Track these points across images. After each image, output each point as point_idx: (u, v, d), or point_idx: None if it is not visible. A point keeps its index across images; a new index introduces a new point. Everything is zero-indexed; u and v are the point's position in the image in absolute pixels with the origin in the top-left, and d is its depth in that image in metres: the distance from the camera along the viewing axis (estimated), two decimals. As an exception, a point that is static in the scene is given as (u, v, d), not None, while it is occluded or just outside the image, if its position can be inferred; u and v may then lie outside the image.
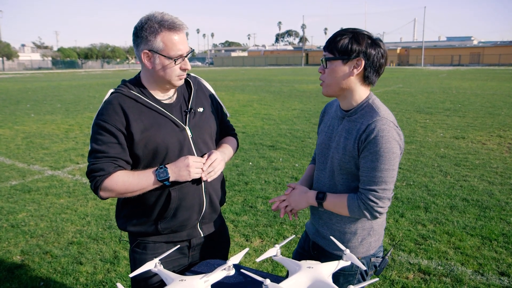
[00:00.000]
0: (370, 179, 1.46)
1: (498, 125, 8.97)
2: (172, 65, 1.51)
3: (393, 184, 1.49)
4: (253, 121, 9.95)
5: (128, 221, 1.65)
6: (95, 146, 1.51)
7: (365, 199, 1.47)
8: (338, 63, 1.49)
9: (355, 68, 1.48)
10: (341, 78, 1.50)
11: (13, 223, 4.03)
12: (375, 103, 1.53)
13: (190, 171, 1.51)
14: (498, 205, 4.33)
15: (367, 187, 1.47)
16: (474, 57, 63.12)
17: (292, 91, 18.34)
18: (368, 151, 1.44)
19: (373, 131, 1.43)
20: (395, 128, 1.47)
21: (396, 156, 1.45)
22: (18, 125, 9.70)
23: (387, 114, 1.50)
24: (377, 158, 1.43)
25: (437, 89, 18.25)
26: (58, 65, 71.73)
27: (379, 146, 1.42)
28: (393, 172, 1.47)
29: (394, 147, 1.44)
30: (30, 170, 5.89)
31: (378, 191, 1.46)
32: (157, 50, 1.49)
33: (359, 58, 1.46)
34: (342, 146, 1.53)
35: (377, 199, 1.46)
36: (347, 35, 1.47)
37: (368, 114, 1.50)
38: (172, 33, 1.48)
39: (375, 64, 1.48)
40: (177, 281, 1.18)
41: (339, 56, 1.48)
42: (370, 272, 1.67)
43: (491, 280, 2.93)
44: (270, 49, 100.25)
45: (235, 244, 3.54)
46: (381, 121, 1.45)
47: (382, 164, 1.43)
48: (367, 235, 1.61)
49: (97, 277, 3.06)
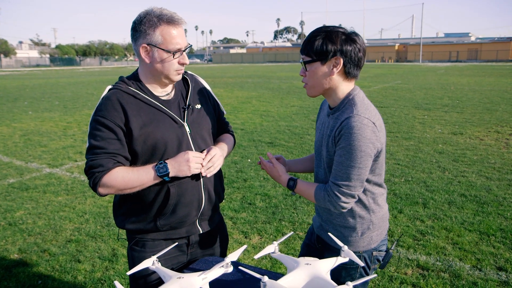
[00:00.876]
0: (336, 173, 1.48)
1: (495, 120, 8.99)
2: (171, 58, 1.51)
3: (359, 182, 1.47)
4: (252, 117, 9.94)
5: (126, 219, 1.65)
6: (94, 142, 1.49)
7: (330, 191, 1.49)
8: (317, 64, 1.49)
9: (335, 67, 1.48)
10: (323, 78, 1.51)
11: (11, 221, 4.03)
12: (354, 99, 1.51)
13: (190, 166, 1.51)
14: (496, 201, 4.34)
15: (332, 180, 1.50)
16: (472, 53, 63.13)
17: (290, 87, 18.32)
18: (339, 146, 1.46)
19: (345, 127, 1.43)
20: (370, 126, 1.43)
21: (365, 155, 1.43)
22: (15, 123, 9.67)
23: (363, 110, 1.46)
24: (345, 153, 1.44)
25: (435, 85, 18.26)
26: (56, 62, 71.51)
27: (348, 142, 1.43)
28: (360, 170, 1.45)
29: (364, 145, 1.41)
30: (28, 168, 5.88)
31: (342, 186, 1.47)
32: (156, 43, 1.48)
33: (336, 57, 1.46)
34: (325, 144, 1.55)
35: (340, 194, 1.47)
36: (320, 36, 1.46)
37: (345, 110, 1.50)
38: (171, 26, 1.49)
39: (354, 59, 1.48)
40: (175, 279, 1.18)
41: (316, 58, 1.48)
42: (373, 266, 1.68)
43: (489, 275, 2.94)
44: (269, 46, 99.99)
45: (234, 241, 3.54)
46: (354, 118, 1.43)
47: (349, 161, 1.44)
48: (367, 229, 1.62)
49: (96, 275, 3.06)
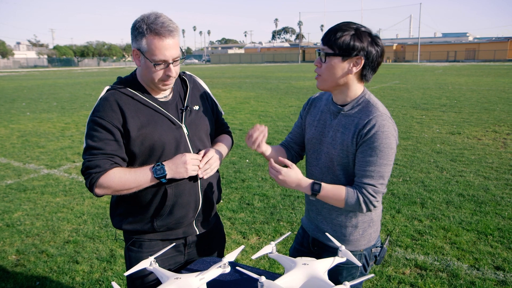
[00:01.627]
0: (368, 174, 1.46)
1: (493, 120, 9.01)
2: (154, 69, 1.50)
3: (388, 178, 1.50)
4: (250, 118, 9.94)
5: (123, 219, 1.65)
6: (91, 142, 1.49)
7: (365, 193, 1.47)
8: (337, 59, 1.46)
9: (354, 66, 1.46)
10: (339, 75, 1.48)
11: (9, 222, 4.01)
12: (371, 99, 1.54)
13: (187, 168, 1.51)
14: (493, 200, 4.35)
15: (365, 181, 1.47)
16: (469, 53, 63.29)
17: (289, 88, 18.32)
18: (367, 146, 1.45)
19: (374, 127, 1.44)
20: (393, 124, 1.49)
21: (394, 152, 1.48)
22: (13, 124, 9.64)
23: (384, 109, 1.51)
24: (377, 153, 1.44)
25: (433, 85, 18.29)
26: (54, 63, 71.38)
27: (379, 142, 1.43)
28: (390, 167, 1.49)
29: (392, 143, 1.46)
30: (25, 169, 5.86)
31: (377, 185, 1.47)
32: (143, 51, 1.48)
33: (359, 57, 1.44)
34: (339, 142, 1.53)
35: (375, 193, 1.47)
36: (349, 31, 1.43)
37: (366, 109, 1.50)
38: (157, 38, 1.45)
39: (374, 63, 1.48)
40: (172, 279, 1.18)
41: (339, 53, 1.45)
42: (371, 262, 1.69)
43: (486, 275, 2.94)
44: (267, 46, 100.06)
45: (232, 241, 3.54)
46: (381, 117, 1.46)
47: (381, 159, 1.45)
48: (368, 227, 1.63)
49: (94, 276, 3.05)
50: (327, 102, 1.65)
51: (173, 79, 1.56)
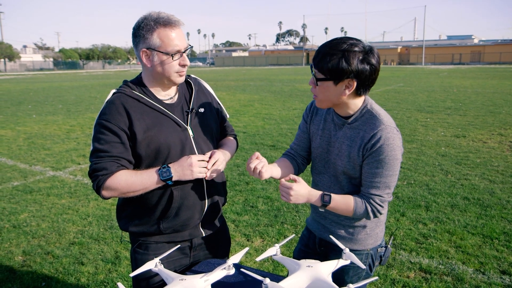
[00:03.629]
0: (375, 185, 1.50)
1: (499, 123, 8.96)
2: (170, 60, 1.52)
3: (394, 187, 1.54)
4: (254, 120, 9.96)
5: (129, 222, 1.66)
6: (98, 145, 1.51)
7: (373, 203, 1.51)
8: (329, 83, 1.46)
9: (347, 89, 1.46)
10: (334, 96, 1.50)
11: (15, 223, 4.05)
12: (374, 109, 1.54)
13: (193, 171, 1.52)
14: (499, 204, 4.33)
15: (372, 191, 1.51)
16: (474, 56, 63.02)
17: (293, 90, 18.33)
18: (373, 159, 1.48)
19: (379, 140, 1.46)
20: (397, 134, 1.50)
21: (399, 162, 1.51)
22: (20, 126, 9.72)
23: (388, 120, 1.52)
24: (383, 165, 1.47)
25: (438, 88, 18.23)
26: (59, 66, 71.85)
27: (385, 154, 1.46)
28: (396, 176, 1.53)
29: (398, 154, 1.49)
30: (31, 171, 5.91)
31: (383, 195, 1.52)
32: (155, 47, 1.50)
33: (350, 79, 1.43)
34: (346, 154, 1.54)
35: (381, 202, 1.52)
36: (337, 55, 1.40)
37: (370, 121, 1.51)
38: (168, 29, 1.49)
39: (367, 81, 1.46)
40: (177, 281, 1.19)
41: (329, 77, 1.44)
42: (376, 262, 1.70)
43: (492, 279, 2.93)
44: (271, 49, 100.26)
45: (236, 244, 3.55)
46: (386, 130, 1.47)
47: (387, 171, 1.48)
48: (375, 227, 1.65)
49: (99, 277, 3.07)
50: (329, 110, 1.65)
51: (186, 70, 1.59)
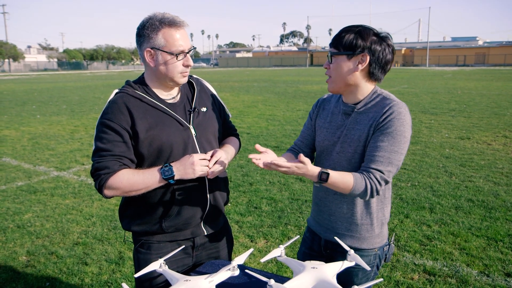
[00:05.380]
0: (377, 159, 1.43)
1: (503, 125, 8.92)
2: (174, 60, 1.53)
3: (396, 168, 1.46)
4: (257, 121, 9.96)
5: (132, 221, 1.66)
6: (100, 144, 1.52)
7: (372, 178, 1.42)
8: (343, 58, 1.49)
9: (360, 64, 1.48)
10: (346, 74, 1.50)
11: (19, 223, 4.07)
12: (384, 93, 1.55)
13: (195, 169, 1.52)
14: (503, 206, 4.30)
15: (373, 166, 1.43)
16: (479, 58, 62.76)
17: (296, 91, 18.33)
18: (380, 132, 1.44)
19: (391, 114, 1.45)
20: (408, 113, 1.49)
21: (407, 141, 1.47)
22: (24, 126, 9.77)
23: (400, 100, 1.52)
24: (389, 139, 1.43)
25: (442, 89, 18.17)
26: (63, 66, 72.18)
27: (394, 128, 1.43)
28: (401, 156, 1.45)
29: (406, 131, 1.45)
30: (36, 171, 5.93)
31: (384, 172, 1.43)
32: (159, 46, 1.51)
33: (364, 54, 1.46)
34: (355, 138, 1.52)
35: (381, 180, 1.44)
36: (352, 31, 1.47)
37: (380, 102, 1.51)
38: (173, 29, 1.51)
39: (381, 60, 1.48)
40: (182, 281, 1.19)
41: (343, 52, 1.48)
42: (382, 261, 1.69)
43: (496, 281, 2.91)
44: (275, 50, 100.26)
45: (239, 245, 3.55)
46: (398, 105, 1.47)
47: (393, 146, 1.43)
48: (381, 225, 1.63)
49: (102, 277, 3.08)
50: (337, 103, 1.64)
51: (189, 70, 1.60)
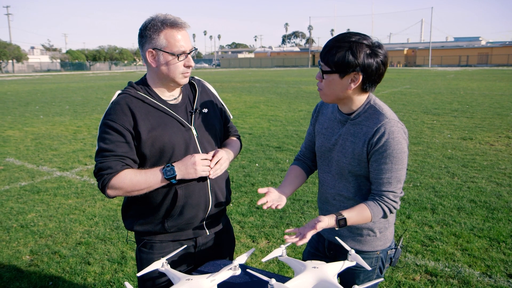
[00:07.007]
0: (386, 181, 1.48)
1: (506, 126, 8.89)
2: (175, 61, 1.55)
3: (404, 180, 1.53)
4: (259, 122, 9.96)
5: (134, 221, 1.68)
6: (103, 145, 1.53)
7: (387, 201, 1.49)
8: (335, 76, 1.45)
9: (353, 82, 1.45)
10: (339, 90, 1.49)
11: (23, 223, 4.09)
12: (377, 104, 1.54)
13: (197, 169, 1.54)
14: (506, 207, 4.30)
15: (384, 189, 1.49)
16: (482, 58, 62.56)
17: (298, 92, 18.33)
18: (380, 154, 1.46)
19: (384, 134, 1.44)
20: (402, 127, 1.49)
21: (406, 154, 1.49)
22: (27, 127, 9.81)
23: (391, 114, 1.51)
24: (391, 160, 1.46)
25: (445, 90, 18.12)
26: (66, 67, 72.36)
27: (391, 149, 1.44)
28: (405, 169, 1.52)
29: (404, 147, 1.47)
30: (39, 171, 5.96)
31: (396, 191, 1.50)
32: (161, 47, 1.52)
33: (356, 72, 1.42)
34: (350, 151, 1.53)
35: (395, 199, 1.50)
36: (343, 47, 1.40)
37: (373, 116, 1.50)
38: (174, 30, 1.53)
39: (374, 76, 1.45)
40: (184, 281, 1.20)
41: (335, 70, 1.43)
42: (386, 264, 1.69)
43: (499, 282, 2.91)
44: (277, 51, 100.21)
45: (241, 245, 3.56)
46: (390, 123, 1.46)
47: (396, 165, 1.46)
48: (384, 228, 1.63)
49: (105, 277, 3.09)
50: (334, 109, 1.65)
51: (190, 71, 1.62)
